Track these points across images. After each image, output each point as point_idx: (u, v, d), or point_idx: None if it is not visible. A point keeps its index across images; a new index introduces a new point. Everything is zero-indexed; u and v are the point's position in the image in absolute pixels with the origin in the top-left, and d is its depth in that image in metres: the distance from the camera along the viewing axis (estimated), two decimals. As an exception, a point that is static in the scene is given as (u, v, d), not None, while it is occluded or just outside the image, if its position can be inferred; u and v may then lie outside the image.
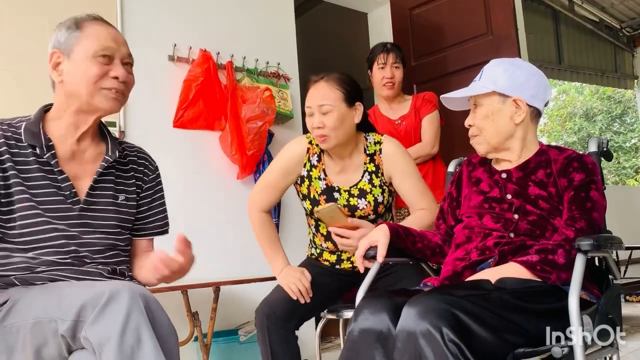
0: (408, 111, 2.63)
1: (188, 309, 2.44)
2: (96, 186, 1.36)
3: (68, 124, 1.34)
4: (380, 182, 1.85)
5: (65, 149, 1.34)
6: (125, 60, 1.35)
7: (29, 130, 1.31)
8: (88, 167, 1.37)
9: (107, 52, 1.31)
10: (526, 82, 1.49)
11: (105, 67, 1.30)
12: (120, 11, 2.69)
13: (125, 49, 1.36)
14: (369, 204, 1.84)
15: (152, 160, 1.53)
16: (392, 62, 2.59)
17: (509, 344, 1.13)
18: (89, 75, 1.29)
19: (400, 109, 2.66)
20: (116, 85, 1.31)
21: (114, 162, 1.40)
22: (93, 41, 1.30)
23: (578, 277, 1.22)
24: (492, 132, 1.50)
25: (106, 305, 1.05)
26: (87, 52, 1.29)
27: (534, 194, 1.45)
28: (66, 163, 1.33)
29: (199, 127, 2.87)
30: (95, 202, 1.35)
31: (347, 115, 1.78)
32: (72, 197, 1.31)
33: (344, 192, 1.85)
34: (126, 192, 1.42)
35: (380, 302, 1.23)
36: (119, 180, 1.41)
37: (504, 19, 3.12)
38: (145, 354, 1.02)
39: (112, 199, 1.38)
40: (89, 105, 1.32)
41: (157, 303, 1.13)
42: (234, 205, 2.94)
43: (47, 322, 1.10)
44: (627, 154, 13.31)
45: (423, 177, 2.51)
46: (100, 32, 1.32)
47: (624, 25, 7.44)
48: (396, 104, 2.67)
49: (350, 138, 1.83)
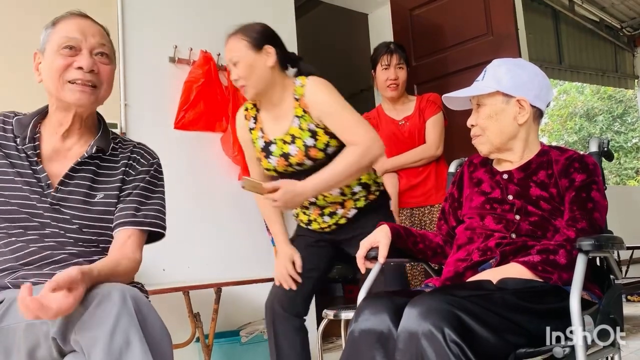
0: (412, 112, 2.60)
1: (190, 310, 2.44)
2: (69, 182, 1.32)
3: (53, 122, 1.34)
4: (310, 125, 1.81)
5: (48, 147, 1.34)
6: (95, 50, 1.31)
7: (20, 122, 1.33)
8: (69, 164, 1.34)
9: (71, 43, 1.28)
10: (530, 82, 1.49)
11: (69, 58, 1.28)
12: (121, 13, 2.69)
13: (95, 39, 1.31)
14: (299, 149, 1.80)
15: (150, 155, 1.45)
16: (396, 63, 2.56)
17: (510, 344, 1.13)
18: (53, 68, 1.27)
19: (404, 109, 2.63)
20: (80, 75, 1.27)
21: (97, 158, 1.36)
22: (59, 34, 1.29)
23: (579, 277, 1.22)
24: (495, 132, 1.50)
25: (96, 307, 1.03)
26: (54, 46, 1.28)
27: (535, 195, 1.45)
28: (48, 160, 1.33)
29: (200, 128, 2.87)
30: (65, 198, 1.31)
31: (257, 60, 1.79)
32: (46, 190, 1.30)
33: (279, 142, 1.84)
34: (106, 190, 1.36)
35: (381, 302, 1.23)
36: (99, 177, 1.36)
37: (504, 19, 3.12)
38: (134, 355, 1.00)
39: (85, 196, 1.33)
40: (60, 101, 1.30)
41: (148, 305, 1.10)
42: (235, 206, 2.94)
43: (39, 324, 1.08)
44: (629, 154, 13.30)
45: (425, 178, 2.52)
46: (67, 25, 1.30)
47: (624, 25, 7.43)
48: (400, 105, 2.65)
49: (273, 83, 1.83)
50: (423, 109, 2.58)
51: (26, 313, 0.96)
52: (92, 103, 1.32)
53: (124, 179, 1.38)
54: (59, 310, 0.98)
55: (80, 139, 1.37)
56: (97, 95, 1.32)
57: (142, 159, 1.43)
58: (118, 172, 1.38)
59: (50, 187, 1.30)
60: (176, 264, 2.65)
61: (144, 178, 1.40)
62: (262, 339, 2.64)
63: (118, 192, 1.37)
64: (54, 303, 0.98)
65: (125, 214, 1.34)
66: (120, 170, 1.39)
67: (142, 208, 1.36)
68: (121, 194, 1.37)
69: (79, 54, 1.28)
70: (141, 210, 1.36)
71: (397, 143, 2.58)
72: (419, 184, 2.54)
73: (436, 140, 2.55)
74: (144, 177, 1.41)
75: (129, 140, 1.48)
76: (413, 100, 2.65)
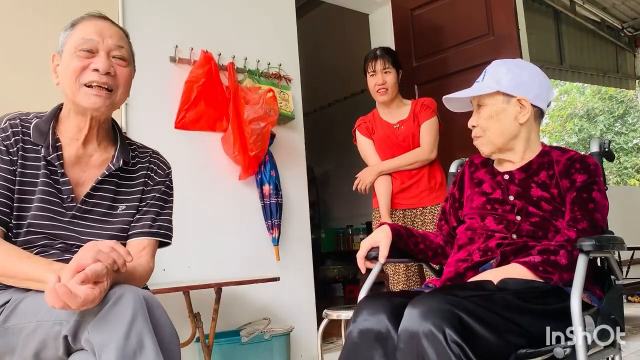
0: (407, 116, 2.62)
1: (190, 310, 2.44)
2: (94, 194, 1.31)
3: (73, 127, 1.31)
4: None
5: (71, 153, 1.31)
6: (113, 52, 1.28)
7: (38, 129, 1.28)
8: (92, 173, 1.33)
9: (88, 45, 1.25)
10: (530, 81, 1.49)
11: (86, 60, 1.24)
12: (122, 12, 2.69)
13: (112, 40, 1.28)
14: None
15: (165, 165, 1.46)
16: (382, 68, 2.57)
17: (511, 344, 1.13)
18: (70, 70, 1.24)
19: (400, 113, 2.64)
20: (96, 78, 1.24)
21: (118, 170, 1.34)
22: (77, 36, 1.26)
23: (580, 277, 1.22)
24: (496, 132, 1.50)
25: (111, 307, 1.03)
26: (71, 48, 1.26)
27: (536, 196, 1.45)
28: (71, 167, 1.30)
29: (201, 128, 2.87)
30: (90, 211, 1.30)
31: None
32: (68, 202, 1.28)
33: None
34: (127, 201, 1.36)
35: (379, 302, 1.23)
36: (121, 189, 1.36)
37: (505, 19, 3.12)
38: (147, 358, 1.01)
39: (108, 209, 1.32)
40: (76, 105, 1.27)
41: (160, 307, 1.11)
42: (235, 206, 2.94)
43: (51, 324, 1.08)
44: (629, 154, 13.29)
45: (418, 181, 2.55)
46: (86, 27, 1.27)
47: (625, 26, 7.43)
48: (394, 109, 2.66)
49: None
50: (417, 113, 2.60)
51: (54, 300, 0.96)
52: (107, 107, 1.29)
53: (144, 190, 1.39)
54: (85, 300, 0.98)
55: (99, 145, 1.35)
56: (113, 99, 1.29)
57: (159, 169, 1.44)
58: (138, 182, 1.39)
59: (73, 200, 1.28)
60: (176, 263, 2.65)
61: (160, 189, 1.42)
62: (262, 339, 2.64)
63: (138, 204, 1.38)
64: (81, 293, 0.98)
65: (142, 224, 1.36)
66: (140, 181, 1.39)
67: (157, 219, 1.39)
68: (140, 205, 1.38)
69: (95, 56, 1.26)
70: (157, 221, 1.39)
71: (392, 146, 2.61)
72: (412, 186, 2.57)
73: (430, 144, 2.57)
74: (160, 188, 1.42)
75: (143, 147, 1.47)
76: (408, 104, 2.66)
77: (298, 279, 3.12)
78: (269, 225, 2.99)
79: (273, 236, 3.00)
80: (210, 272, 2.74)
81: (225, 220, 2.90)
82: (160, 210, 1.41)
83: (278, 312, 2.98)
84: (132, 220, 1.36)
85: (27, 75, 2.34)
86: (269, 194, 2.98)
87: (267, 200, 2.98)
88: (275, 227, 2.99)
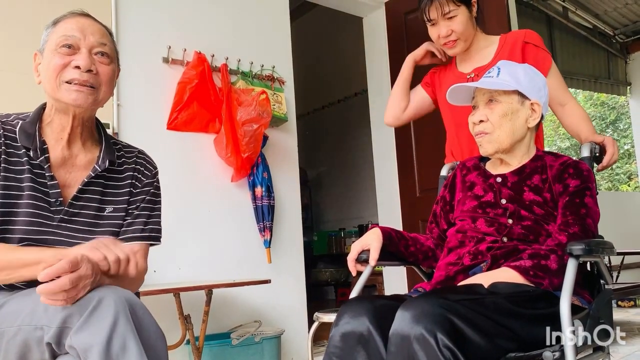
0: (490, 60, 1.92)
1: (180, 312, 2.43)
2: (81, 196, 1.29)
3: (56, 127, 1.29)
4: None
5: (57, 154, 1.28)
6: (95, 49, 1.25)
7: (24, 131, 1.26)
8: (78, 174, 1.31)
9: (69, 42, 1.23)
10: (543, 88, 1.52)
11: (67, 57, 1.23)
12: (115, 13, 2.68)
13: (94, 37, 1.25)
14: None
15: (151, 165, 1.45)
16: (442, 13, 1.85)
17: (501, 349, 1.13)
18: (51, 68, 1.22)
19: (481, 56, 1.95)
20: (77, 75, 1.22)
21: (104, 170, 1.32)
22: (58, 33, 1.24)
23: (570, 281, 1.22)
24: (507, 132, 1.48)
25: (93, 311, 1.02)
26: (52, 46, 1.24)
27: (528, 200, 1.45)
28: (57, 169, 1.28)
29: (193, 129, 2.86)
30: (78, 214, 1.28)
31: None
32: (56, 205, 1.26)
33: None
34: (115, 202, 1.34)
35: (360, 305, 1.23)
36: (108, 190, 1.33)
37: (498, 24, 3.13)
38: None
39: (96, 211, 1.30)
40: (57, 102, 1.25)
41: (143, 308, 1.10)
42: (227, 208, 2.93)
43: (33, 329, 1.07)
44: (620, 160, 13.39)
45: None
46: (67, 24, 1.25)
47: (617, 32, 7.48)
48: (475, 52, 1.97)
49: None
50: (516, 55, 1.87)
51: (51, 273, 0.99)
52: (90, 104, 1.26)
53: (132, 192, 1.38)
54: (79, 275, 1.02)
55: (84, 145, 1.33)
56: (95, 96, 1.26)
57: (146, 170, 1.42)
58: (125, 183, 1.37)
59: (61, 203, 1.26)
60: (167, 265, 2.64)
61: (149, 191, 1.40)
62: (252, 341, 2.63)
63: (126, 206, 1.36)
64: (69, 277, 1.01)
65: (134, 229, 1.35)
66: (128, 182, 1.37)
67: (149, 222, 1.38)
68: (129, 207, 1.36)
69: (77, 53, 1.23)
70: (148, 224, 1.38)
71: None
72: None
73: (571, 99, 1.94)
74: (149, 190, 1.41)
75: (128, 147, 1.45)
76: (495, 42, 1.96)
77: (289, 282, 3.11)
78: (260, 227, 2.98)
79: (265, 238, 2.99)
80: (202, 274, 2.73)
81: (217, 222, 2.89)
82: (151, 213, 1.40)
83: (269, 315, 2.98)
84: (121, 223, 1.35)
85: (25, 78, 2.32)
86: (261, 196, 2.97)
87: (259, 202, 2.97)
88: (267, 229, 2.98)
